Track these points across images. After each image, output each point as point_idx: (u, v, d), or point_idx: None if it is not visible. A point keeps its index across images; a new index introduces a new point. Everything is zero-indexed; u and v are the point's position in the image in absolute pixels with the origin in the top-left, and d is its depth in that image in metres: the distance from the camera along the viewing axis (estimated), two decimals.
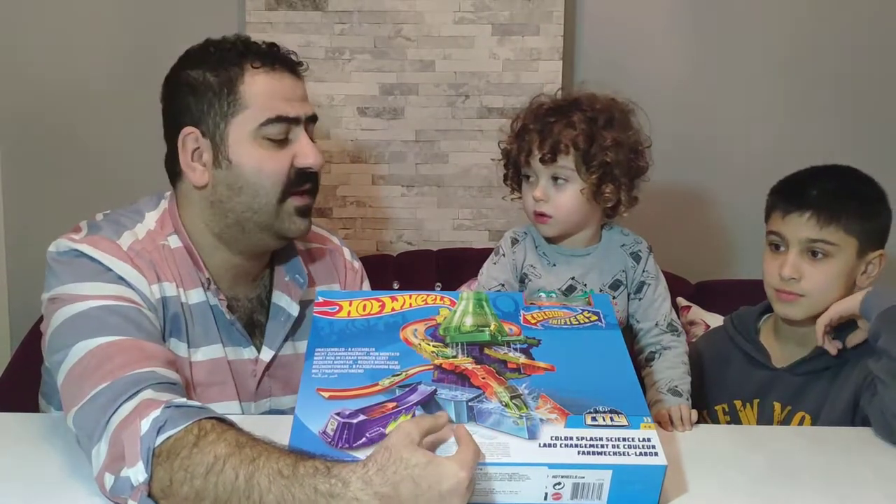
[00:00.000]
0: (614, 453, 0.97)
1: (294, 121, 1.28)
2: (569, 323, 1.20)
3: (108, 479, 0.99)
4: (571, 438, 0.98)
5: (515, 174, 1.50)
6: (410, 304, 1.20)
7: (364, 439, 0.97)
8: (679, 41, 2.32)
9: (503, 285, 1.46)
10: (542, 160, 1.42)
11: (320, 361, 1.09)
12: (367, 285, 1.53)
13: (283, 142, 1.28)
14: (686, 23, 2.32)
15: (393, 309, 1.19)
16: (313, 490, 0.91)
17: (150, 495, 0.98)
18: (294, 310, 1.36)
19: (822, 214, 1.38)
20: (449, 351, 1.12)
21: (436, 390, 1.04)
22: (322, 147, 2.30)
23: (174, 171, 1.32)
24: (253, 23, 2.26)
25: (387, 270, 2.22)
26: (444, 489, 0.90)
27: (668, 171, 2.30)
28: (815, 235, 1.39)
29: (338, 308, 1.19)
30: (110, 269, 1.19)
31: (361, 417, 0.99)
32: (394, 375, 1.07)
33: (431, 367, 1.08)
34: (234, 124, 1.26)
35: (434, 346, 1.12)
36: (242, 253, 1.32)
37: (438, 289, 2.12)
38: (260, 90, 1.26)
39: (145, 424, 0.99)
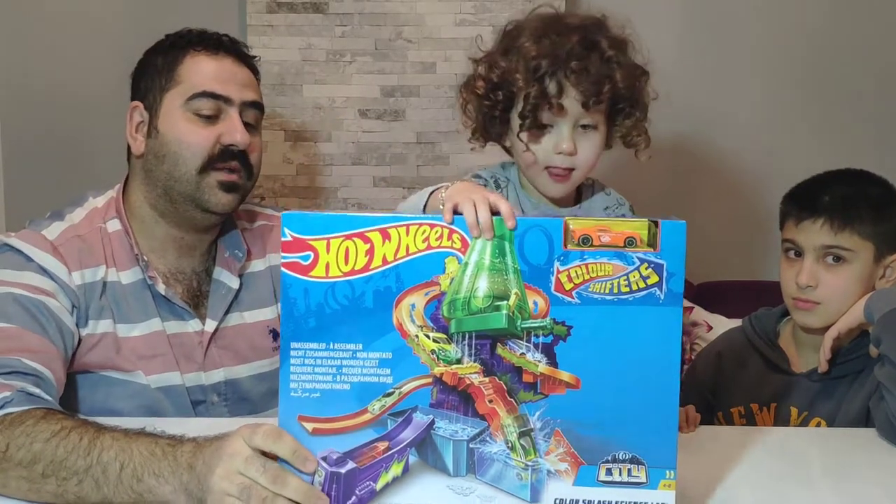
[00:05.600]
0: None
1: (224, 99, 1.33)
2: (616, 290, 0.89)
3: None
4: (577, 503, 0.91)
5: (534, 123, 1.22)
6: (408, 249, 0.91)
7: (354, 499, 0.91)
8: (680, 43, 2.33)
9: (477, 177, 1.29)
10: (584, 105, 1.19)
11: (298, 367, 0.91)
12: None
13: (211, 119, 1.33)
14: (687, 25, 2.32)
15: (385, 259, 0.91)
16: (153, 444, 0.97)
17: None
18: (234, 283, 1.40)
19: (836, 220, 1.37)
20: (452, 351, 0.90)
21: (433, 421, 0.91)
22: (323, 150, 2.35)
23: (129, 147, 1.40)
24: (254, 25, 2.26)
25: None
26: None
27: (668, 172, 2.32)
28: (829, 242, 1.38)
29: (312, 258, 0.91)
30: (32, 260, 1.26)
31: (350, 466, 0.91)
32: (386, 395, 0.91)
33: (430, 379, 0.91)
34: (168, 97, 1.33)
35: (435, 342, 0.90)
36: (180, 226, 1.36)
37: None
38: (195, 68, 1.34)
39: None
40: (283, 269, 0.92)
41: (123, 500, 0.97)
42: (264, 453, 0.92)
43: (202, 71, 1.33)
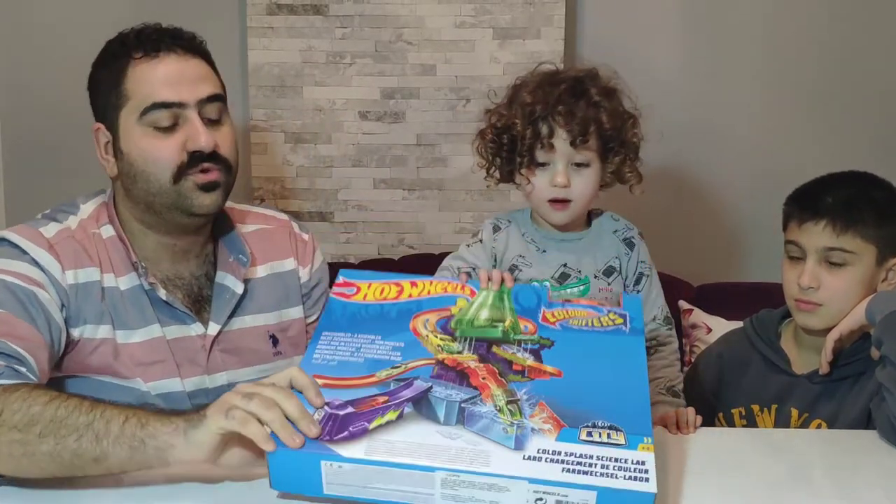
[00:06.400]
0: (602, 474, 0.92)
1: (178, 105, 1.27)
2: (590, 325, 1.14)
3: None
4: (559, 453, 0.94)
5: (531, 160, 1.41)
6: (429, 292, 1.18)
7: (346, 433, 0.96)
8: (681, 44, 2.33)
9: (473, 269, 1.44)
10: (573, 143, 1.37)
11: (324, 346, 1.09)
12: (318, 254, 1.52)
13: (171, 127, 1.28)
14: (688, 26, 2.33)
15: (410, 295, 1.17)
16: (155, 410, 1.04)
17: None
18: (239, 288, 1.38)
19: (838, 222, 1.37)
20: (455, 346, 1.09)
21: (431, 387, 1.02)
22: (323, 151, 2.36)
23: None
24: (254, 27, 2.26)
25: None
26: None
27: (669, 175, 2.32)
28: (831, 244, 1.38)
29: (355, 290, 1.18)
30: (26, 253, 1.26)
31: (349, 410, 0.98)
32: (392, 368, 1.05)
33: (433, 361, 1.06)
34: (122, 116, 1.29)
35: (441, 340, 1.10)
36: (171, 233, 1.35)
37: None
38: (139, 80, 1.28)
39: None
40: (331, 295, 1.19)
41: (120, 454, 1.00)
42: None
43: (148, 81, 1.27)
